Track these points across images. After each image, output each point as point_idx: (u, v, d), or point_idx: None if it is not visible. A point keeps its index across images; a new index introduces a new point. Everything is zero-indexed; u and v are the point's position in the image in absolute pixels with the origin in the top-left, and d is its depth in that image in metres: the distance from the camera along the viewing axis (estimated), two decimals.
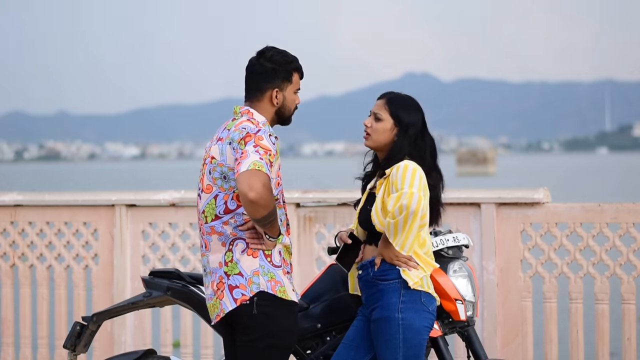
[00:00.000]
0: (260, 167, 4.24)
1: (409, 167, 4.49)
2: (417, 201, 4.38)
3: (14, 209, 7.22)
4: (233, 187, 4.41)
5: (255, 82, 4.53)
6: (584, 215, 5.97)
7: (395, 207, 4.39)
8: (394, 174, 4.50)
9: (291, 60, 4.56)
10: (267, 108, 4.53)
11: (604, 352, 5.92)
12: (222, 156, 4.43)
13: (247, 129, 4.39)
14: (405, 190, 4.40)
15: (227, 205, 4.43)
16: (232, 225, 4.43)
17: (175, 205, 6.82)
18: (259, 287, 4.39)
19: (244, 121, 4.44)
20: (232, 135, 4.42)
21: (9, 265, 7.22)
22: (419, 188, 4.44)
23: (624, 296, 5.93)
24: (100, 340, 6.88)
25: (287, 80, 4.54)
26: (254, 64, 4.55)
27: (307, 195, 6.55)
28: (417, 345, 4.51)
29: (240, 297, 4.39)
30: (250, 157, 4.26)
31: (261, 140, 4.33)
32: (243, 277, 4.39)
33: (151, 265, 6.86)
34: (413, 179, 4.45)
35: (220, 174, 4.44)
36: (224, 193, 4.43)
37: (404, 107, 4.63)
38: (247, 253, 4.40)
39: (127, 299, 5.19)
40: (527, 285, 6.10)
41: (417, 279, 4.52)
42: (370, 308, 4.59)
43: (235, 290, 4.39)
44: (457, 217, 6.20)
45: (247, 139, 4.33)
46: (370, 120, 4.66)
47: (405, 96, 4.69)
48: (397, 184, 4.46)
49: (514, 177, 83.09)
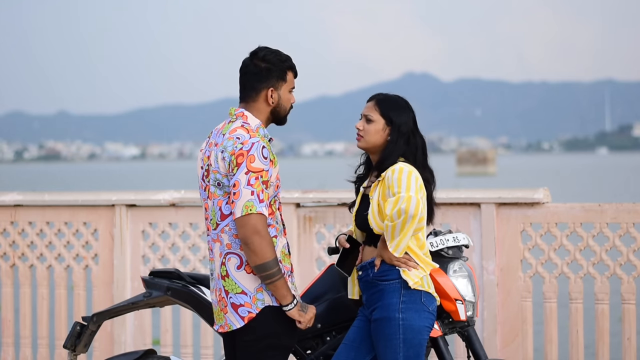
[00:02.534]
0: (252, 208, 4.29)
1: (404, 170, 4.49)
2: (416, 205, 4.38)
3: (14, 209, 7.22)
4: (228, 193, 4.40)
5: (250, 82, 4.52)
6: (584, 215, 5.96)
7: (393, 210, 4.39)
8: (389, 177, 4.49)
9: (285, 59, 4.56)
10: (263, 108, 4.52)
11: (604, 352, 5.92)
12: (216, 163, 4.43)
13: (240, 139, 4.37)
14: (403, 194, 4.40)
15: (222, 210, 4.43)
16: (228, 234, 4.43)
17: (175, 205, 6.81)
18: (264, 302, 4.40)
19: (238, 127, 4.43)
20: (225, 143, 4.41)
21: (9, 265, 7.22)
22: (416, 191, 4.44)
23: (624, 296, 5.93)
24: (100, 340, 6.88)
25: (282, 79, 4.54)
26: (248, 64, 4.54)
27: (307, 195, 6.55)
28: (418, 345, 4.51)
29: (247, 315, 4.39)
30: (242, 196, 4.30)
31: (252, 162, 4.33)
32: (247, 295, 4.40)
33: (151, 265, 6.86)
34: (409, 182, 4.45)
35: (214, 180, 4.44)
36: (218, 199, 4.44)
37: (394, 107, 4.65)
38: (247, 270, 4.40)
39: (127, 299, 5.19)
40: (527, 285, 6.10)
41: (417, 278, 4.52)
42: (371, 308, 4.59)
43: (241, 308, 4.40)
44: (457, 217, 6.20)
45: (239, 160, 4.33)
46: (362, 123, 4.67)
47: (394, 96, 4.70)
48: (393, 187, 4.46)
49: (514, 177, 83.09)
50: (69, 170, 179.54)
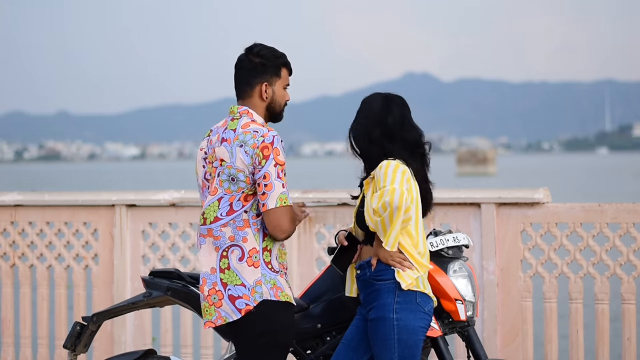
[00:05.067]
0: (285, 200, 4.39)
1: (390, 165, 4.49)
2: (400, 196, 4.37)
3: (14, 209, 7.22)
4: (242, 189, 4.41)
5: (245, 77, 4.54)
6: (584, 215, 5.96)
7: (378, 204, 4.39)
8: (376, 174, 4.52)
9: (280, 56, 4.57)
10: (258, 104, 4.54)
11: (604, 352, 5.92)
12: (232, 158, 4.41)
13: (259, 132, 4.41)
14: (387, 187, 4.41)
15: (232, 206, 4.43)
16: (232, 227, 4.43)
17: (175, 205, 6.81)
18: (262, 295, 4.41)
19: (250, 123, 4.46)
20: (242, 137, 4.41)
21: (9, 265, 7.22)
22: (400, 183, 4.43)
23: (624, 296, 5.93)
24: (100, 340, 6.88)
25: (276, 75, 4.55)
26: (243, 60, 4.56)
27: (307, 195, 6.55)
28: (413, 345, 4.50)
29: (245, 307, 4.40)
30: (275, 188, 4.37)
31: (278, 155, 4.40)
32: (246, 287, 4.41)
33: (151, 265, 6.86)
34: (394, 175, 4.46)
35: (228, 175, 4.43)
36: (230, 195, 4.43)
37: (368, 110, 4.65)
38: (248, 263, 4.42)
39: (127, 299, 5.18)
40: (527, 285, 6.10)
41: (411, 279, 4.50)
42: (368, 308, 4.59)
43: (238, 300, 4.41)
44: (457, 217, 6.20)
45: (266, 152, 4.37)
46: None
47: (374, 97, 4.68)
48: (379, 182, 4.48)
49: (514, 177, 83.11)
50: (69, 170, 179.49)
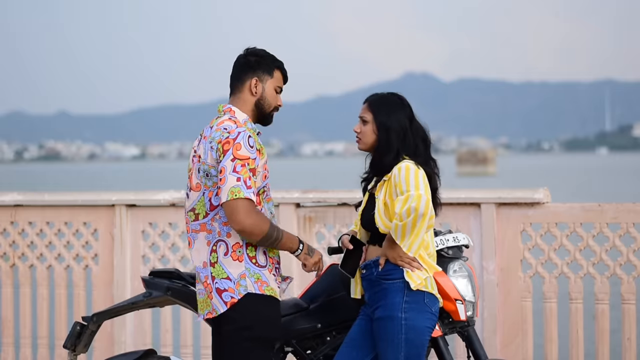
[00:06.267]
0: (237, 193, 4.36)
1: (410, 169, 4.51)
2: (426, 203, 4.41)
3: (14, 209, 7.22)
4: (217, 184, 4.47)
5: (238, 73, 4.63)
6: (584, 215, 5.97)
7: (403, 209, 4.40)
8: (396, 176, 4.52)
9: (276, 60, 4.66)
10: (247, 98, 4.60)
11: (604, 352, 5.92)
12: (205, 155, 4.51)
13: (227, 129, 4.46)
14: (412, 193, 4.43)
15: (211, 202, 4.51)
16: (218, 222, 4.50)
17: (175, 205, 6.82)
18: (246, 289, 4.47)
19: (226, 120, 4.53)
20: (213, 134, 4.50)
21: (9, 265, 7.22)
22: (425, 189, 4.48)
23: (624, 296, 5.93)
24: (100, 340, 6.87)
25: (268, 74, 4.61)
26: (240, 58, 4.66)
27: (307, 195, 6.55)
28: (419, 345, 4.53)
29: (230, 300, 4.47)
30: (227, 182, 4.37)
31: (238, 149, 4.40)
32: (231, 280, 4.48)
33: (151, 265, 6.86)
34: (417, 180, 4.48)
35: (203, 172, 4.52)
36: (208, 190, 4.52)
37: (383, 107, 4.68)
38: (233, 257, 4.48)
39: (127, 299, 5.19)
40: (527, 285, 6.10)
41: (420, 280, 4.53)
42: (373, 307, 4.60)
43: (225, 293, 4.48)
44: (457, 217, 6.20)
45: (226, 147, 4.41)
46: (359, 125, 4.73)
47: (386, 95, 4.73)
48: (401, 186, 4.48)
49: (514, 177, 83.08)
50: (69, 170, 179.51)
